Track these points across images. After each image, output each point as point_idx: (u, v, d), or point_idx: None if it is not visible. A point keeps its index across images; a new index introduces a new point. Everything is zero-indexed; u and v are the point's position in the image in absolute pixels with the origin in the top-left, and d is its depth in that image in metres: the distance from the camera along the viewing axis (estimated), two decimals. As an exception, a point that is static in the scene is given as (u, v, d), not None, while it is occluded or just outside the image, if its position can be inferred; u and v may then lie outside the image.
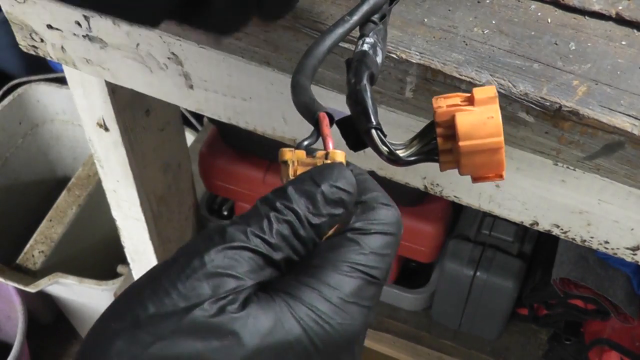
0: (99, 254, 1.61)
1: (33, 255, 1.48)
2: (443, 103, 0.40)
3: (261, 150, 1.18)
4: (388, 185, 0.40)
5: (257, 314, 0.32)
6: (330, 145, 0.39)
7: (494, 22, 0.54)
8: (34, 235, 1.50)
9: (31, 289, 1.40)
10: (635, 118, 0.49)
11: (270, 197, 0.36)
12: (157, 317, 0.31)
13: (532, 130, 0.52)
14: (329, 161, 0.38)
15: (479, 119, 0.39)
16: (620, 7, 0.54)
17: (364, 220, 0.36)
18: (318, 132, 0.40)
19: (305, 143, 0.39)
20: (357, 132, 0.42)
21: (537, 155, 0.55)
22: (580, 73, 0.51)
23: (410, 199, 1.26)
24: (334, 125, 0.42)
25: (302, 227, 0.34)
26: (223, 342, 0.31)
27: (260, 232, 0.34)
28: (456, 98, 0.40)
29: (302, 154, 0.38)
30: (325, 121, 0.40)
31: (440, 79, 0.52)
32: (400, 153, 0.41)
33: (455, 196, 0.65)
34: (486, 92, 0.40)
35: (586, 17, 0.55)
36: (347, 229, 0.36)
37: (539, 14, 0.55)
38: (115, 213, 1.07)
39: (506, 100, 0.51)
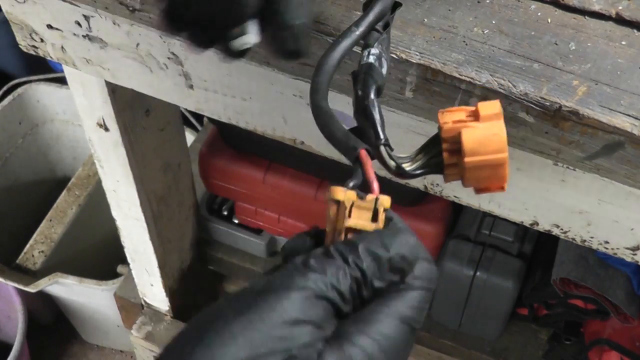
0: (99, 254, 1.61)
1: (33, 255, 1.48)
2: (449, 118, 0.41)
3: (261, 150, 1.18)
4: (388, 185, 0.40)
5: None
6: (376, 188, 0.40)
7: (494, 22, 0.54)
8: (34, 235, 1.50)
9: (31, 289, 1.40)
10: (635, 118, 0.49)
11: (343, 249, 0.37)
12: None
13: (532, 130, 0.52)
14: (380, 208, 0.39)
15: (484, 135, 0.40)
16: (620, 7, 0.54)
17: (410, 274, 0.38)
18: (362, 173, 0.41)
19: (351, 184, 0.40)
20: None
21: (537, 155, 0.55)
22: (580, 73, 0.51)
23: (410, 199, 1.26)
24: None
25: (366, 288, 0.37)
26: None
27: (337, 285, 0.36)
28: (461, 112, 0.41)
29: (353, 195, 0.39)
30: (369, 162, 0.41)
31: (440, 79, 0.52)
32: (407, 167, 0.42)
33: (455, 196, 0.65)
34: (491, 108, 0.41)
35: (586, 17, 0.55)
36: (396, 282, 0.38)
37: (539, 14, 0.55)
38: (115, 213, 1.07)
39: (506, 100, 0.51)
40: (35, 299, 1.55)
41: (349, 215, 0.39)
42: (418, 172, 0.42)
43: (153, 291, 1.24)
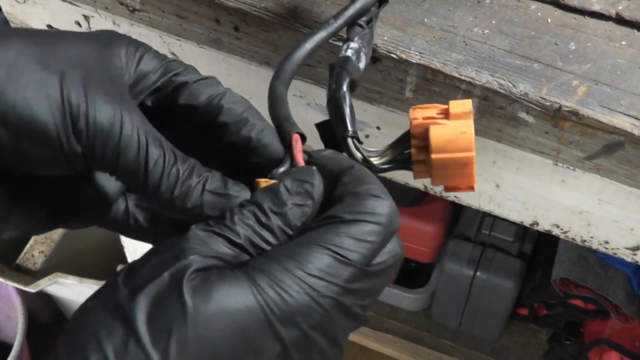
0: (99, 254, 1.61)
1: (33, 255, 1.49)
2: (419, 114, 0.42)
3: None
4: (388, 185, 0.40)
5: (217, 282, 0.33)
6: None
7: (494, 22, 0.54)
8: (34, 235, 1.50)
9: (31, 289, 1.40)
10: (635, 118, 0.49)
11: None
12: (129, 288, 0.33)
13: (532, 130, 0.52)
14: None
15: (452, 133, 0.40)
16: (620, 7, 0.54)
17: (348, 208, 0.36)
18: (291, 158, 0.41)
19: (280, 170, 0.40)
20: (335, 136, 0.43)
21: (537, 155, 0.55)
22: (580, 73, 0.51)
23: (410, 199, 1.26)
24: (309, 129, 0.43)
25: (265, 216, 0.36)
26: (183, 308, 0.32)
27: (221, 221, 0.36)
28: (433, 110, 0.42)
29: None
30: (298, 145, 0.41)
31: (440, 79, 0.52)
32: (374, 161, 0.42)
33: (455, 196, 0.65)
34: (462, 107, 0.41)
35: (586, 17, 0.55)
36: (328, 215, 0.36)
37: (539, 14, 0.55)
38: (115, 213, 1.07)
39: (506, 100, 0.51)
40: (35, 299, 1.56)
41: None
42: (386, 166, 0.43)
43: (153, 291, 1.24)
